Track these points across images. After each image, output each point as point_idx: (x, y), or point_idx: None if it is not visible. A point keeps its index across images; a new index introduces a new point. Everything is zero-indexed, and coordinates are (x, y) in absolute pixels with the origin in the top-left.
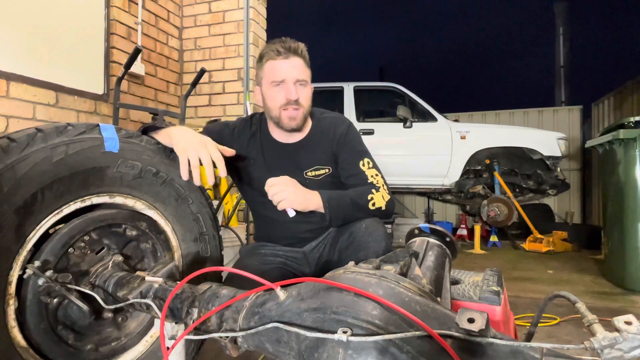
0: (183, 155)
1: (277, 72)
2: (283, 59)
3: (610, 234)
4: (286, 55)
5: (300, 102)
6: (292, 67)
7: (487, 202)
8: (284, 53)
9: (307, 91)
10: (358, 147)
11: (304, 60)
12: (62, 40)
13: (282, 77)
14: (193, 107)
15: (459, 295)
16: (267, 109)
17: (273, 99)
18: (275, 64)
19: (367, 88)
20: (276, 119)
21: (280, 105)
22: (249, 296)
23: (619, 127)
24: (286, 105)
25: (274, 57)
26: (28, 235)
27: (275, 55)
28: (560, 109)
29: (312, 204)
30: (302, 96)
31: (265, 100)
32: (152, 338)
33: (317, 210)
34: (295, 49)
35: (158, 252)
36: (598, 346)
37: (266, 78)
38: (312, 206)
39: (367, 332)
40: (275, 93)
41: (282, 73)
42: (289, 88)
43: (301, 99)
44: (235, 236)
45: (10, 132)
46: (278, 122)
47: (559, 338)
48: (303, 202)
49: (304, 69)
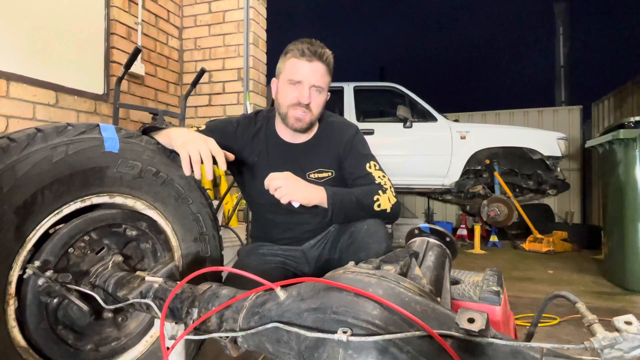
0: (183, 151)
1: (296, 72)
2: (306, 60)
3: (610, 234)
4: (310, 58)
5: (311, 108)
6: (312, 71)
7: (487, 202)
8: (309, 55)
9: (320, 98)
10: (364, 152)
11: (327, 68)
12: (62, 40)
13: (299, 78)
14: (193, 107)
15: (459, 295)
16: (277, 104)
17: (285, 96)
18: (297, 64)
19: (367, 88)
20: (283, 115)
21: (290, 104)
22: (249, 296)
23: (619, 127)
24: (295, 106)
25: (298, 57)
26: (28, 235)
27: (300, 55)
28: (560, 109)
29: (315, 198)
30: (314, 102)
31: (278, 94)
32: (152, 338)
33: (321, 205)
34: (321, 54)
35: (158, 252)
36: (598, 346)
37: (285, 74)
38: (316, 200)
39: (367, 332)
40: (289, 91)
41: (301, 74)
42: (303, 91)
43: (312, 105)
44: (235, 236)
45: (10, 132)
46: (284, 119)
47: (559, 338)
48: (306, 195)
49: (324, 76)
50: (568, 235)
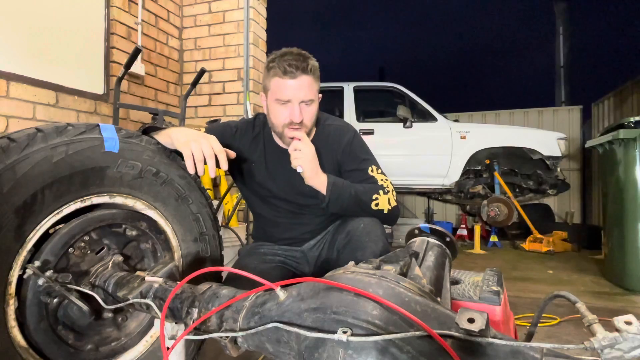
0: (186, 149)
1: (283, 92)
2: (290, 78)
3: (610, 234)
4: (293, 75)
5: (304, 123)
6: (298, 88)
7: (487, 202)
8: (292, 72)
9: (312, 109)
10: (364, 156)
11: (313, 76)
12: (62, 40)
13: (287, 97)
14: (193, 107)
15: (459, 295)
16: (271, 123)
17: (277, 116)
18: (282, 83)
19: (367, 88)
20: (279, 134)
21: (284, 124)
22: (249, 296)
23: (619, 127)
24: (290, 125)
25: (281, 76)
26: (28, 235)
27: (283, 74)
28: (560, 109)
29: (317, 179)
30: (307, 116)
31: (269, 113)
32: (152, 338)
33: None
34: (304, 67)
35: (158, 252)
36: (598, 346)
37: (272, 93)
38: (316, 182)
39: (367, 332)
40: (279, 111)
41: (287, 93)
42: (294, 110)
43: (305, 120)
44: (235, 236)
45: (10, 132)
46: (281, 137)
47: (559, 338)
48: (311, 170)
49: (312, 87)
50: (568, 235)
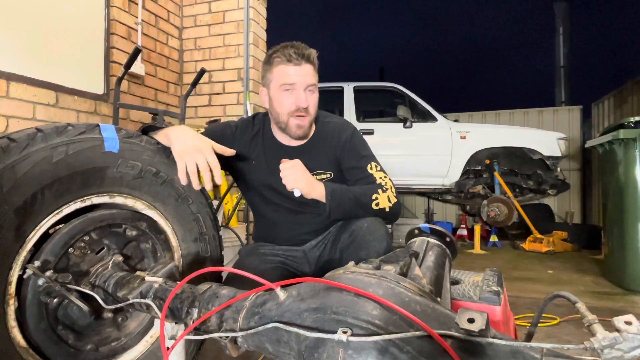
0: (180, 162)
1: (288, 76)
2: (295, 65)
3: (610, 234)
4: (298, 62)
5: (309, 110)
6: (304, 74)
7: (487, 202)
8: (297, 59)
9: (315, 98)
10: (363, 152)
11: (314, 68)
12: (62, 40)
13: (293, 81)
14: (193, 107)
15: (459, 295)
16: (275, 114)
17: (281, 104)
18: (287, 69)
19: (367, 88)
20: (283, 124)
21: (290, 111)
22: (249, 296)
23: (619, 127)
24: (295, 112)
25: (285, 62)
26: (28, 235)
27: (287, 60)
28: (560, 109)
29: (315, 191)
30: (311, 103)
31: (272, 103)
32: (152, 338)
33: (320, 200)
34: (307, 55)
35: (158, 252)
36: (598, 346)
37: (275, 81)
38: (315, 194)
39: (367, 332)
40: (284, 98)
41: (293, 78)
42: (300, 95)
43: (310, 107)
44: (235, 236)
45: (10, 132)
46: (285, 129)
47: (559, 338)
48: (307, 186)
49: (314, 76)
50: (568, 235)
